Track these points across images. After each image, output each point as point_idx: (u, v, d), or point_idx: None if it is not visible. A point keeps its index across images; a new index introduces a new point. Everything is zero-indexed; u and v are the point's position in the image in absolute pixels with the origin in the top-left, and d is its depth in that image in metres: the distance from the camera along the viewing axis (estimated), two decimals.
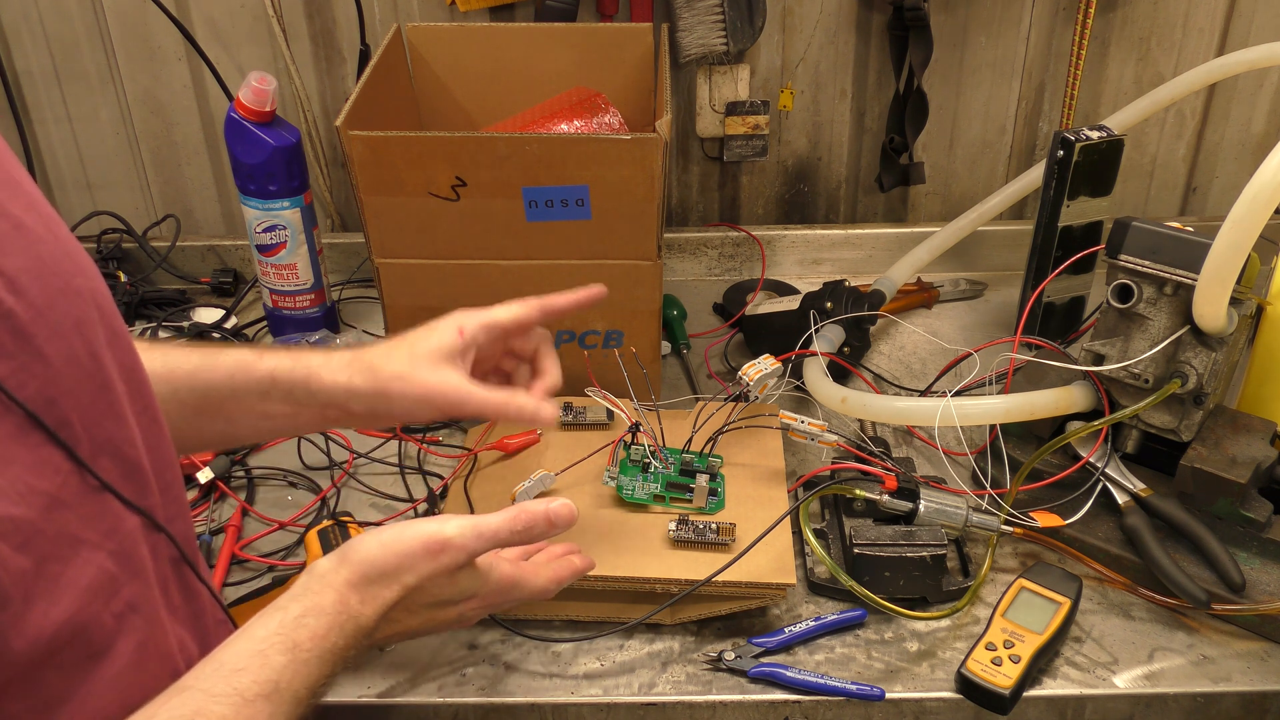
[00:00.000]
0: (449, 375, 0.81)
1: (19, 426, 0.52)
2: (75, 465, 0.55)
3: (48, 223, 0.56)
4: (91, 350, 0.57)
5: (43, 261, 0.54)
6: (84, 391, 0.56)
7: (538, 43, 1.32)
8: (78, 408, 0.55)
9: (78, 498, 0.55)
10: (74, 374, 0.55)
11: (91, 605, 0.56)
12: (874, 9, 1.42)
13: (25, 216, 0.54)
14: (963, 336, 1.38)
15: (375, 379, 0.80)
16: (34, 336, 0.53)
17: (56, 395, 0.54)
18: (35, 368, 0.53)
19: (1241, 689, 0.89)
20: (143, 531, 0.61)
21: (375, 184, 1.07)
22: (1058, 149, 1.20)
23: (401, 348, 0.82)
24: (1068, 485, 1.03)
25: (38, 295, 0.53)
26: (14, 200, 0.54)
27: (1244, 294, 0.95)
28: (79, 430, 0.55)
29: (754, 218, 1.57)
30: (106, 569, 0.57)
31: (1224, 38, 1.45)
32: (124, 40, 1.42)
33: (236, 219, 1.53)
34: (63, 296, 0.55)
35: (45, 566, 0.53)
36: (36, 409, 0.52)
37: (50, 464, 0.53)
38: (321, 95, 1.47)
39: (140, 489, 0.61)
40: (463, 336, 0.82)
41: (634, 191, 1.07)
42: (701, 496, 0.99)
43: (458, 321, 0.83)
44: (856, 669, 0.91)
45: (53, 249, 0.55)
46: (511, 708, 0.90)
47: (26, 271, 0.53)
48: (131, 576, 0.59)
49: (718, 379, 1.29)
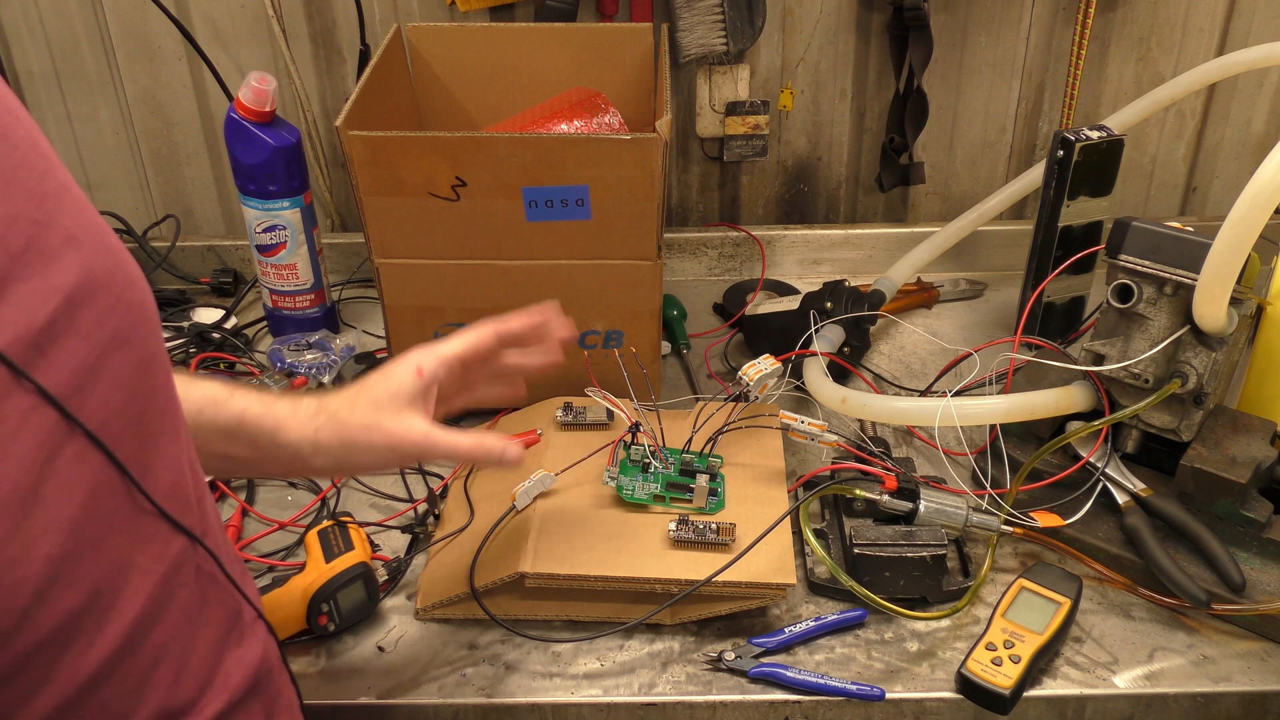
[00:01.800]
0: (414, 422, 0.79)
1: (80, 451, 0.50)
2: (129, 487, 0.54)
3: (96, 231, 0.53)
4: (140, 365, 0.55)
5: (95, 276, 0.52)
6: (133, 409, 0.54)
7: (538, 43, 1.32)
8: (129, 427, 0.54)
9: (129, 522, 0.54)
10: (124, 392, 0.53)
11: (138, 633, 0.55)
12: (874, 9, 1.42)
13: (74, 226, 0.51)
14: (963, 336, 1.38)
15: (341, 431, 0.78)
16: (88, 356, 0.51)
17: (109, 415, 0.52)
18: (91, 388, 0.51)
19: (1241, 689, 0.89)
20: (188, 550, 0.60)
21: (375, 184, 1.07)
22: (1058, 149, 1.20)
23: (363, 396, 0.79)
24: (1068, 485, 1.03)
25: (90, 315, 0.51)
26: (62, 211, 0.51)
27: (1244, 294, 0.95)
28: (129, 450, 0.54)
29: (754, 218, 1.57)
30: (155, 595, 0.56)
31: (1224, 38, 1.45)
32: (124, 40, 1.42)
33: (236, 219, 1.53)
34: (114, 313, 0.53)
35: (98, 600, 0.52)
36: (96, 430, 0.51)
37: (106, 486, 0.52)
38: (321, 95, 1.47)
39: (182, 507, 0.59)
40: (421, 377, 0.80)
41: (634, 191, 1.07)
42: (701, 496, 0.99)
43: (415, 361, 0.81)
44: (856, 669, 0.91)
45: (104, 261, 0.53)
46: (511, 708, 0.90)
47: (80, 289, 0.50)
48: (175, 594, 0.58)
49: (718, 379, 1.29)
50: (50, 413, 0.48)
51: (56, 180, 0.52)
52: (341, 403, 0.79)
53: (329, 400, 0.80)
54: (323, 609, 0.92)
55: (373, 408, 0.78)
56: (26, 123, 0.51)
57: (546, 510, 0.99)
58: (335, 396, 0.80)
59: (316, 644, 0.94)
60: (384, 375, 0.80)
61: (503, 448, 0.81)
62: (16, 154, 0.49)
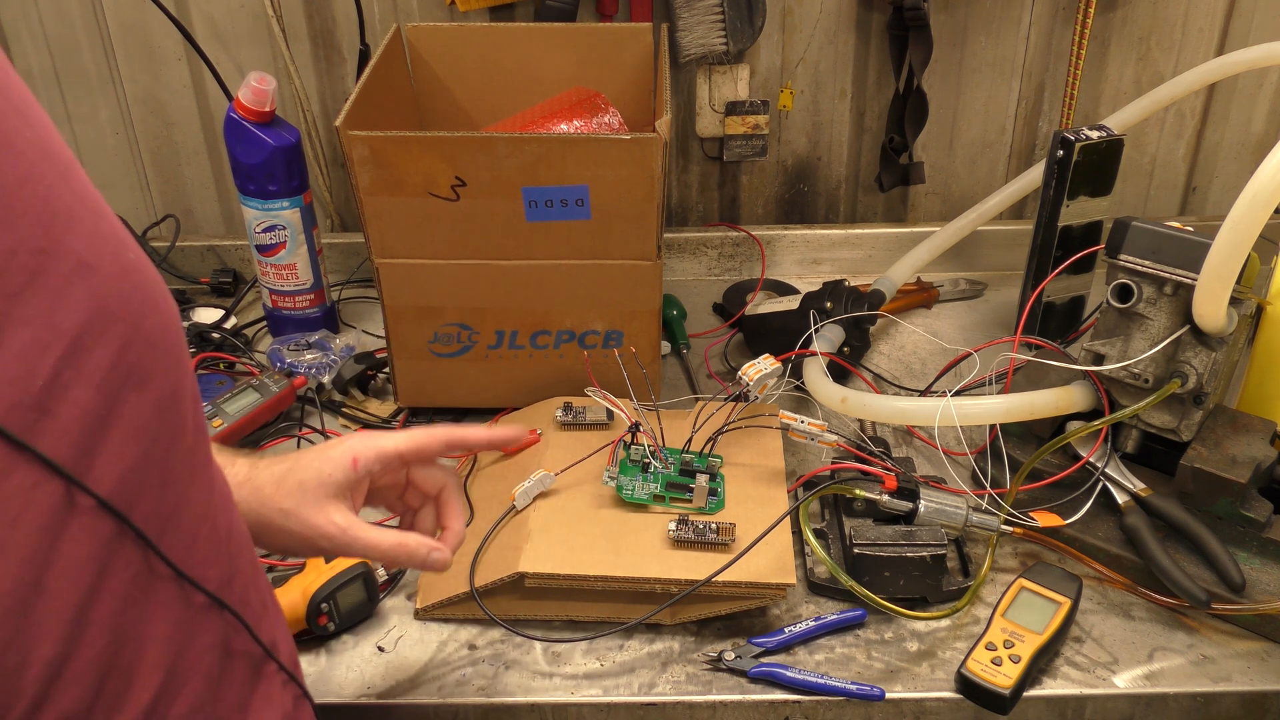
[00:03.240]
0: (335, 515, 0.74)
1: (89, 524, 0.45)
2: (145, 551, 0.49)
3: (115, 248, 0.47)
4: (160, 405, 0.49)
5: (109, 308, 0.46)
6: (153, 456, 0.49)
7: (538, 43, 1.32)
8: (147, 479, 0.49)
9: (145, 591, 0.49)
10: (142, 441, 0.48)
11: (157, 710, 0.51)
12: (874, 9, 1.42)
13: (88, 250, 0.45)
14: (963, 336, 1.38)
15: (259, 510, 0.73)
16: (100, 408, 0.45)
17: (124, 472, 0.47)
18: (102, 445, 0.45)
19: (1241, 689, 0.89)
20: (209, 608, 0.55)
21: (375, 184, 1.07)
22: (1057, 149, 1.20)
23: (292, 477, 0.74)
24: (1068, 485, 1.03)
25: (103, 356, 0.45)
26: (73, 231, 0.45)
27: (1244, 294, 0.95)
28: (148, 507, 0.48)
29: (754, 218, 1.57)
30: (174, 667, 0.52)
31: (1224, 38, 1.45)
32: (124, 40, 1.42)
33: (236, 219, 1.53)
34: (129, 349, 0.47)
35: (107, 683, 0.48)
36: (109, 495, 0.46)
37: (120, 558, 0.47)
38: (321, 95, 1.47)
39: (207, 558, 0.54)
40: (356, 468, 0.76)
41: (634, 191, 1.07)
42: (701, 496, 0.99)
43: (353, 450, 0.76)
44: (856, 669, 0.91)
45: (119, 286, 0.47)
46: (511, 708, 0.90)
47: (91, 327, 0.45)
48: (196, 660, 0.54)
49: (718, 379, 1.29)
50: (56, 485, 0.44)
51: (69, 191, 0.46)
52: (269, 477, 0.74)
53: (259, 470, 0.75)
54: (322, 609, 0.93)
55: (298, 491, 0.74)
56: (37, 123, 0.46)
57: (546, 510, 0.99)
58: (267, 468, 0.75)
59: (316, 644, 0.94)
60: (319, 457, 0.76)
61: (427, 551, 0.76)
62: (22, 167, 0.44)
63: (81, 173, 0.48)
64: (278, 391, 1.20)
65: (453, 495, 0.83)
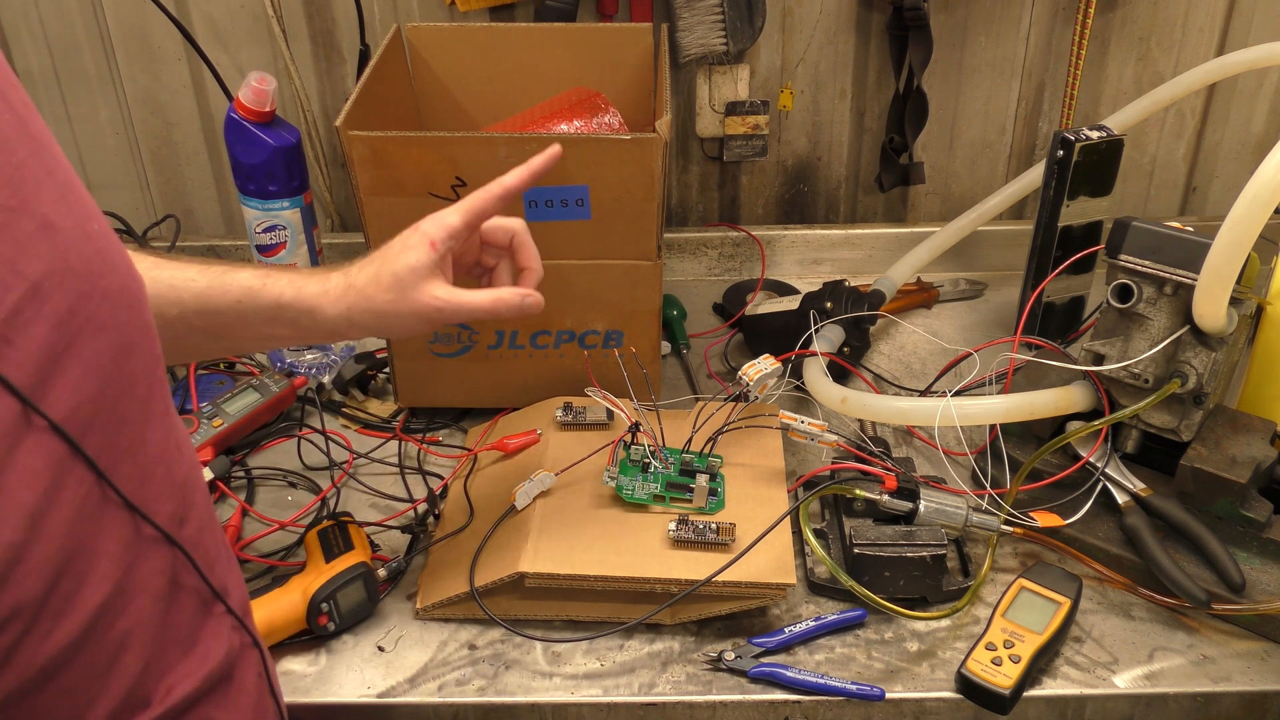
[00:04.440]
0: (436, 291, 0.83)
1: (42, 441, 0.50)
2: (96, 476, 0.54)
3: (79, 217, 0.54)
4: (116, 351, 0.55)
5: (69, 263, 0.52)
6: (107, 396, 0.54)
7: (537, 43, 1.32)
8: (100, 415, 0.54)
9: (96, 510, 0.54)
10: (97, 380, 0.53)
11: (103, 620, 0.55)
12: (874, 9, 1.42)
13: (54, 213, 0.52)
14: (963, 336, 1.38)
15: (371, 306, 0.83)
16: (56, 344, 0.51)
17: (79, 403, 0.52)
18: (58, 377, 0.51)
19: (1241, 689, 0.89)
20: (160, 541, 0.59)
21: (375, 184, 1.07)
22: (1058, 149, 1.20)
23: (385, 270, 0.83)
24: (1068, 485, 1.03)
25: (61, 302, 0.51)
26: (42, 195, 0.51)
27: (1244, 294, 0.95)
28: (100, 439, 0.54)
29: (754, 218, 1.57)
30: (121, 583, 0.56)
31: (1224, 38, 1.45)
32: (124, 40, 1.42)
33: (236, 219, 1.53)
34: (88, 300, 0.53)
35: (59, 585, 0.52)
36: (61, 420, 0.51)
37: (73, 476, 0.52)
38: (321, 95, 1.47)
39: (158, 495, 0.59)
40: (436, 249, 0.84)
41: (634, 191, 1.07)
42: (701, 496, 0.99)
43: (427, 235, 0.84)
44: (856, 669, 0.91)
45: (82, 248, 0.53)
46: (511, 708, 0.90)
47: (51, 276, 0.51)
48: (144, 582, 0.58)
49: (718, 379, 1.29)
50: (13, 402, 0.49)
51: (40, 165, 0.52)
52: (367, 278, 0.83)
53: (354, 276, 0.84)
54: (323, 609, 0.93)
55: (395, 285, 0.83)
56: (19, 105, 0.52)
57: (546, 510, 0.99)
58: (359, 272, 0.84)
59: (316, 644, 0.94)
60: (402, 249, 0.84)
61: (520, 298, 0.85)
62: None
63: (59, 152, 0.54)
64: (278, 391, 1.20)
65: (524, 239, 0.91)
